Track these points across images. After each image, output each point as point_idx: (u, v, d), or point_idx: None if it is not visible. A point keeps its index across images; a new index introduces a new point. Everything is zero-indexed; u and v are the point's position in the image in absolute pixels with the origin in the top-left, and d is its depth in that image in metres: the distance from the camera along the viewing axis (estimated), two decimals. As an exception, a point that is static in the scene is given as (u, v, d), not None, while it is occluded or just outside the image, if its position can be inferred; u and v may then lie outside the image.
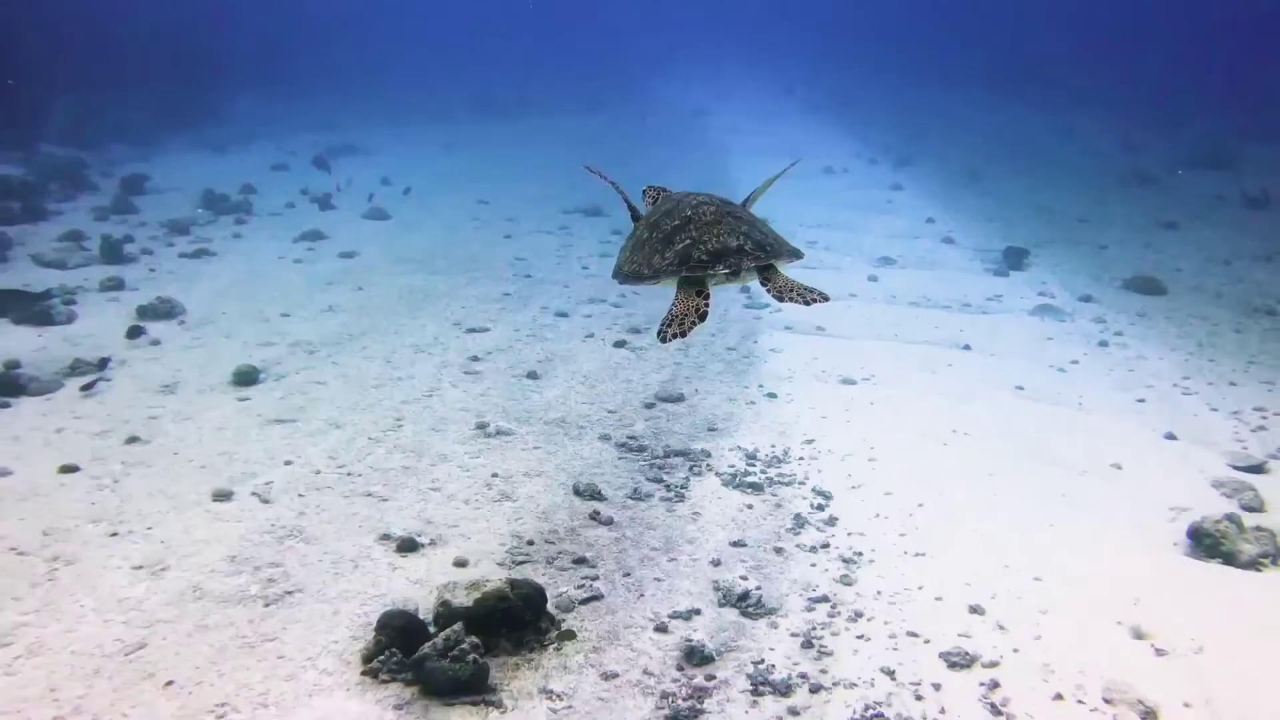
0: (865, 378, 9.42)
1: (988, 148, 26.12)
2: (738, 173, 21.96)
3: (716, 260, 4.04)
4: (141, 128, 26.59)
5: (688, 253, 4.08)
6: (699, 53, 53.27)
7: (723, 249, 4.07)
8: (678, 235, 4.15)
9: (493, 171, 21.71)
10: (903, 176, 21.66)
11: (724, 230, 4.14)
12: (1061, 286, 13.31)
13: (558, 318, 11.08)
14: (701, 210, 4.23)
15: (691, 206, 4.26)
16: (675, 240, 4.15)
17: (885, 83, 41.16)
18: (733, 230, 4.14)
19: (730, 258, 4.05)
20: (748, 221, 4.29)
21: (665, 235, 4.20)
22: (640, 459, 7.49)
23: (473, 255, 13.97)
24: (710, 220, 4.18)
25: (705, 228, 4.14)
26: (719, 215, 4.20)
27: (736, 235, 4.12)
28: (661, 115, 33.56)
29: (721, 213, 4.23)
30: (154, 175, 19.63)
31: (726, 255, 4.06)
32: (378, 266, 13.18)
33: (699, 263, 4.05)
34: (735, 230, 4.15)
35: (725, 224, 4.16)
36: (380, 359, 9.53)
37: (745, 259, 4.07)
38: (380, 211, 16.52)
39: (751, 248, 4.10)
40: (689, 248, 4.09)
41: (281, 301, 11.39)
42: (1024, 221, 17.54)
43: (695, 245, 4.09)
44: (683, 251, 4.09)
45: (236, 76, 34.35)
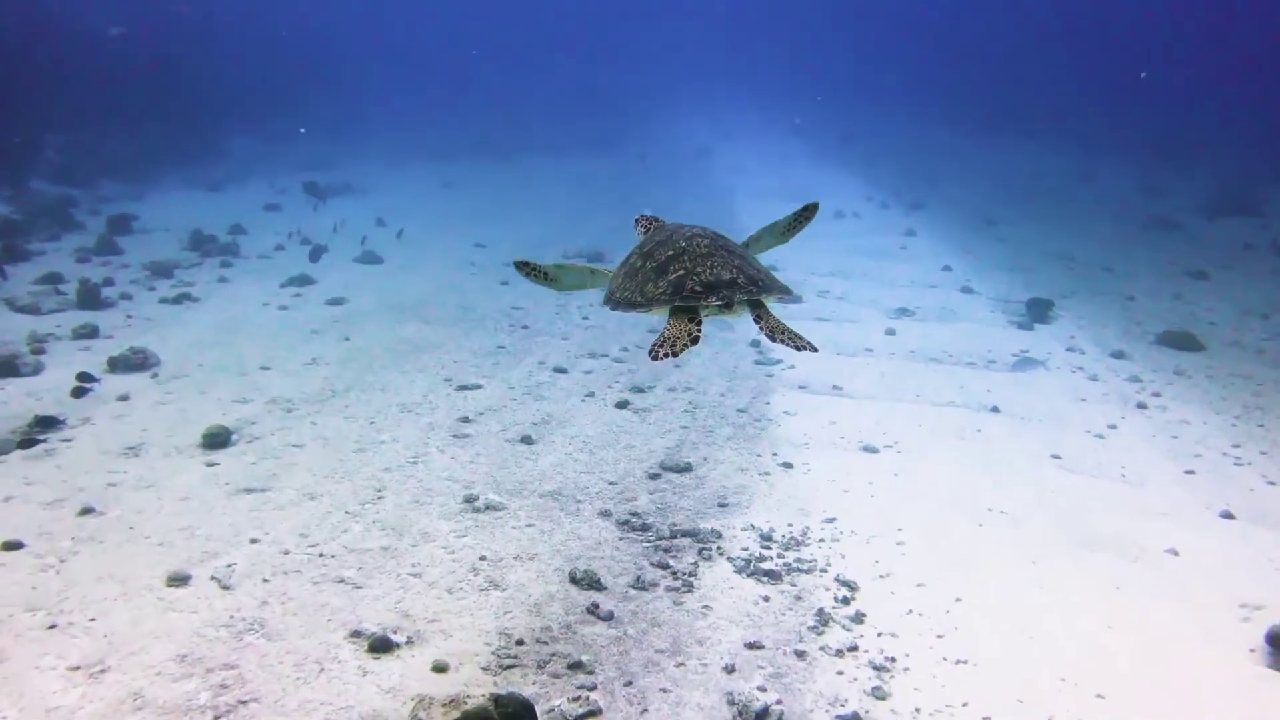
0: (888, 445, 8.69)
1: (1002, 191, 25.53)
2: (744, 216, 21.32)
3: (710, 292, 4.04)
4: (136, 164, 26.04)
5: (681, 282, 4.08)
6: (704, 91, 52.90)
7: (716, 281, 4.07)
8: (672, 265, 4.17)
9: (491, 212, 21.08)
10: (916, 221, 21.00)
11: (717, 263, 4.14)
12: (1091, 341, 12.60)
13: (555, 374, 10.36)
14: (696, 242, 4.25)
15: (685, 238, 4.29)
16: (669, 270, 4.16)
17: (894, 122, 40.66)
18: (726, 263, 4.15)
19: (723, 290, 4.04)
20: (740, 256, 4.31)
21: (659, 265, 4.22)
22: (644, 539, 6.75)
23: (467, 303, 13.28)
24: (704, 252, 4.19)
25: (699, 259, 4.15)
26: (713, 248, 4.23)
27: (729, 268, 4.12)
28: (663, 154, 33.02)
29: (715, 245, 4.26)
30: (143, 214, 19.01)
31: (720, 287, 4.05)
32: (367, 315, 12.49)
33: (692, 293, 4.04)
34: (728, 263, 4.15)
35: (719, 256, 4.18)
36: (363, 419, 8.81)
37: (738, 291, 4.07)
38: (373, 255, 15.85)
39: (744, 281, 4.11)
40: (683, 278, 4.09)
41: (262, 353, 10.69)
42: (1045, 269, 16.85)
43: (689, 276, 4.10)
44: (676, 281, 4.09)
45: (235, 113, 33.89)
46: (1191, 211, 23.42)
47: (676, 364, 10.80)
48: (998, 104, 41.67)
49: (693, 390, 9.94)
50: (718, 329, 12.18)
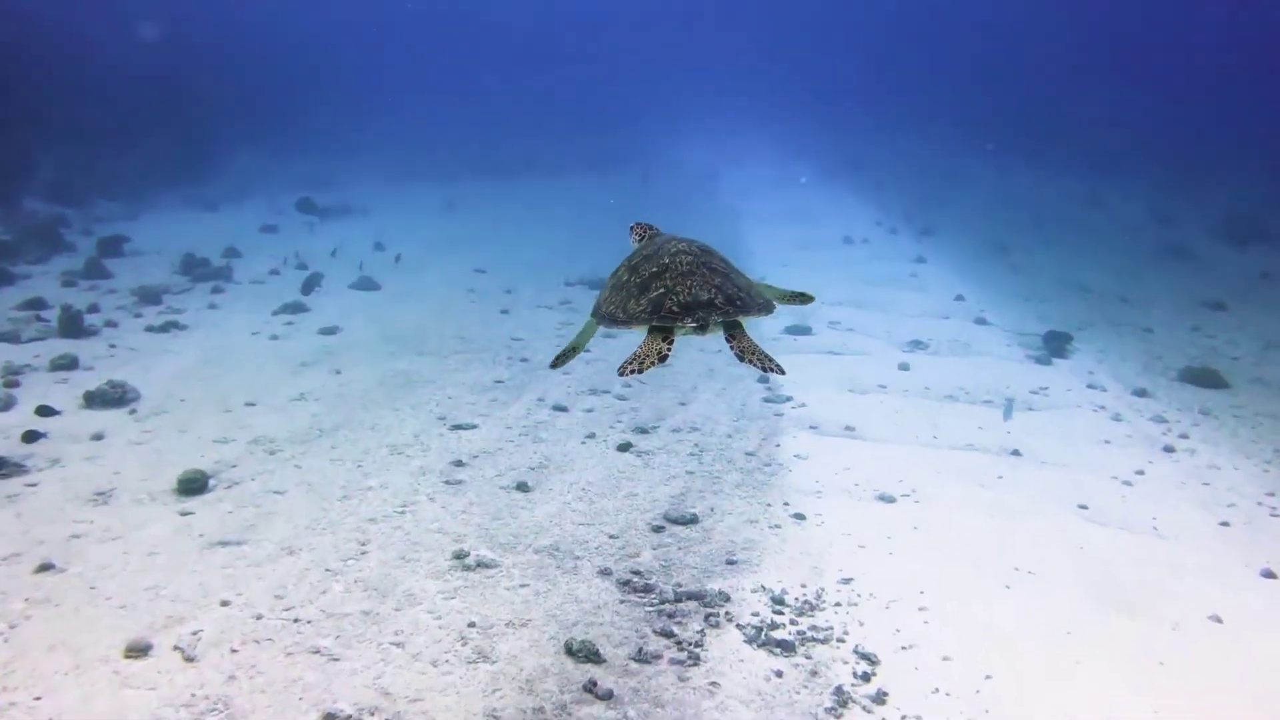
0: (905, 493, 8.19)
1: (1012, 216, 25.07)
2: (750, 240, 20.87)
3: (686, 313, 4.07)
4: (133, 182, 25.65)
5: (660, 302, 4.11)
6: (711, 113, 52.55)
7: (694, 302, 4.09)
8: (653, 283, 4.20)
9: (492, 235, 20.65)
10: (926, 248, 20.53)
11: (697, 282, 4.16)
12: (1111, 377, 12.12)
13: (555, 412, 9.88)
14: (679, 260, 4.25)
15: (670, 254, 4.30)
16: (650, 288, 4.19)
17: (900, 144, 40.22)
18: (706, 283, 4.16)
19: (699, 311, 4.07)
20: (722, 274, 4.29)
21: (642, 281, 4.25)
22: (647, 603, 6.26)
23: (466, 333, 12.81)
24: (685, 270, 4.20)
25: (680, 278, 4.17)
26: (694, 265, 4.23)
27: (709, 288, 4.14)
28: (669, 176, 32.61)
29: (698, 263, 4.25)
30: (136, 235, 18.59)
31: (696, 308, 4.08)
32: (360, 346, 12.02)
33: (670, 313, 4.08)
34: (708, 283, 4.17)
35: (699, 275, 4.19)
36: (350, 462, 8.32)
37: (714, 313, 4.10)
38: (369, 281, 15.40)
39: (722, 302, 4.13)
40: (662, 297, 4.12)
41: (249, 387, 10.21)
42: (1060, 299, 16.39)
43: (668, 295, 4.12)
44: (656, 300, 4.12)
45: (236, 130, 33.54)
46: (1204, 238, 23.01)
47: (681, 401, 10.32)
48: (1004, 125, 41.26)
49: (698, 431, 9.46)
50: (727, 364, 11.71)
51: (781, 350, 12.61)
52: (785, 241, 20.88)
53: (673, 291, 4.13)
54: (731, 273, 4.40)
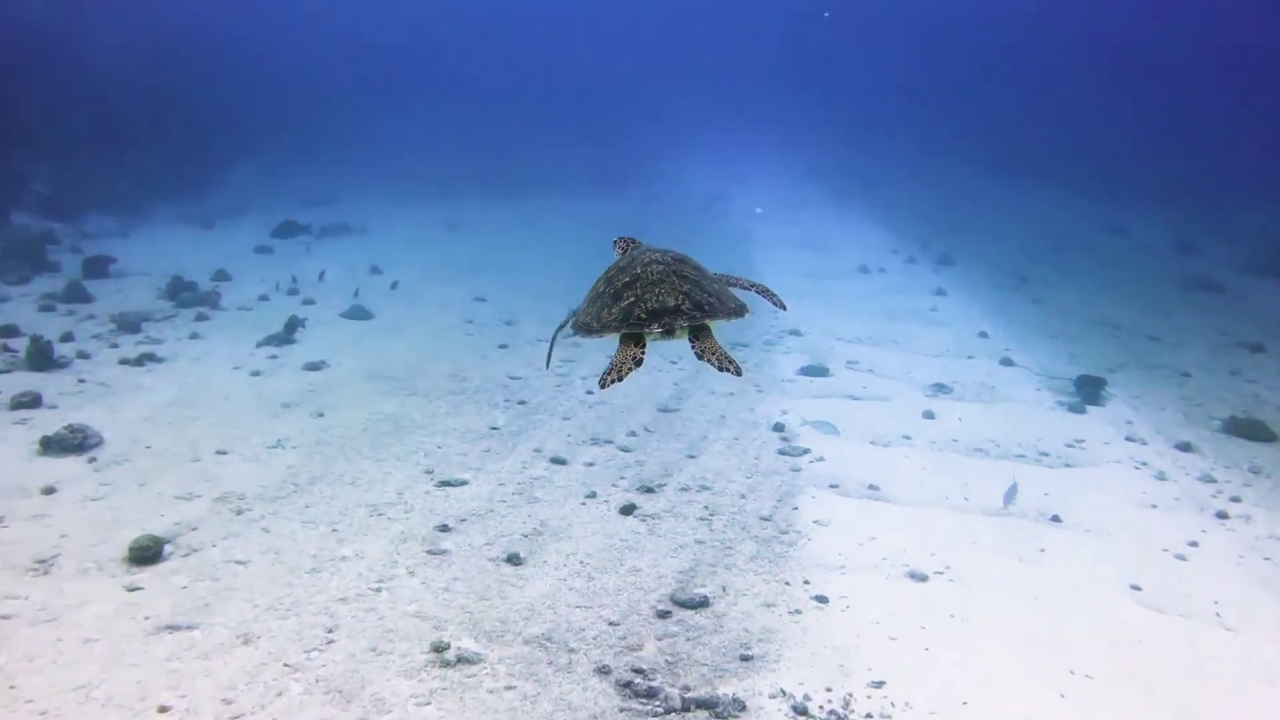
0: (939, 570, 7.37)
1: (1031, 244, 24.30)
2: (762, 267, 20.09)
3: (654, 319, 4.24)
4: (127, 197, 24.96)
5: (630, 310, 4.30)
6: (719, 130, 51.92)
7: (661, 308, 4.27)
8: (625, 292, 4.38)
9: (495, 259, 19.88)
10: (945, 278, 19.74)
11: (665, 290, 4.33)
12: (1151, 428, 11.31)
13: (553, 466, 9.07)
14: (650, 269, 4.45)
15: (642, 264, 4.50)
16: (622, 297, 4.38)
17: (913, 165, 39.51)
18: (674, 290, 4.33)
19: (665, 317, 4.25)
20: (692, 281, 4.43)
21: (615, 291, 4.44)
22: (650, 711, 5.45)
23: (461, 371, 12.02)
24: (655, 279, 4.39)
25: (649, 286, 4.35)
26: (664, 274, 4.40)
27: (676, 295, 4.31)
28: (676, 196, 31.89)
29: (668, 271, 4.43)
30: (125, 254, 17.86)
31: (663, 314, 4.25)
32: (347, 384, 11.23)
33: (638, 320, 4.26)
34: (676, 290, 4.34)
35: (668, 284, 4.36)
36: (325, 524, 7.52)
37: (680, 318, 4.26)
38: (362, 310, 14.61)
39: (689, 308, 4.28)
40: (631, 305, 4.31)
41: (222, 432, 9.42)
42: (1087, 338, 15.58)
43: (638, 303, 4.31)
44: (626, 309, 4.31)
45: (238, 143, 32.90)
46: (1232, 270, 22.24)
47: (691, 454, 9.53)
48: (1018, 147, 40.57)
49: (709, 489, 8.66)
50: (741, 409, 10.93)
51: (797, 394, 11.84)
52: (798, 270, 20.10)
53: (642, 299, 4.31)
54: (703, 280, 4.54)
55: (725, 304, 4.49)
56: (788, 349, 13.89)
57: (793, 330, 14.86)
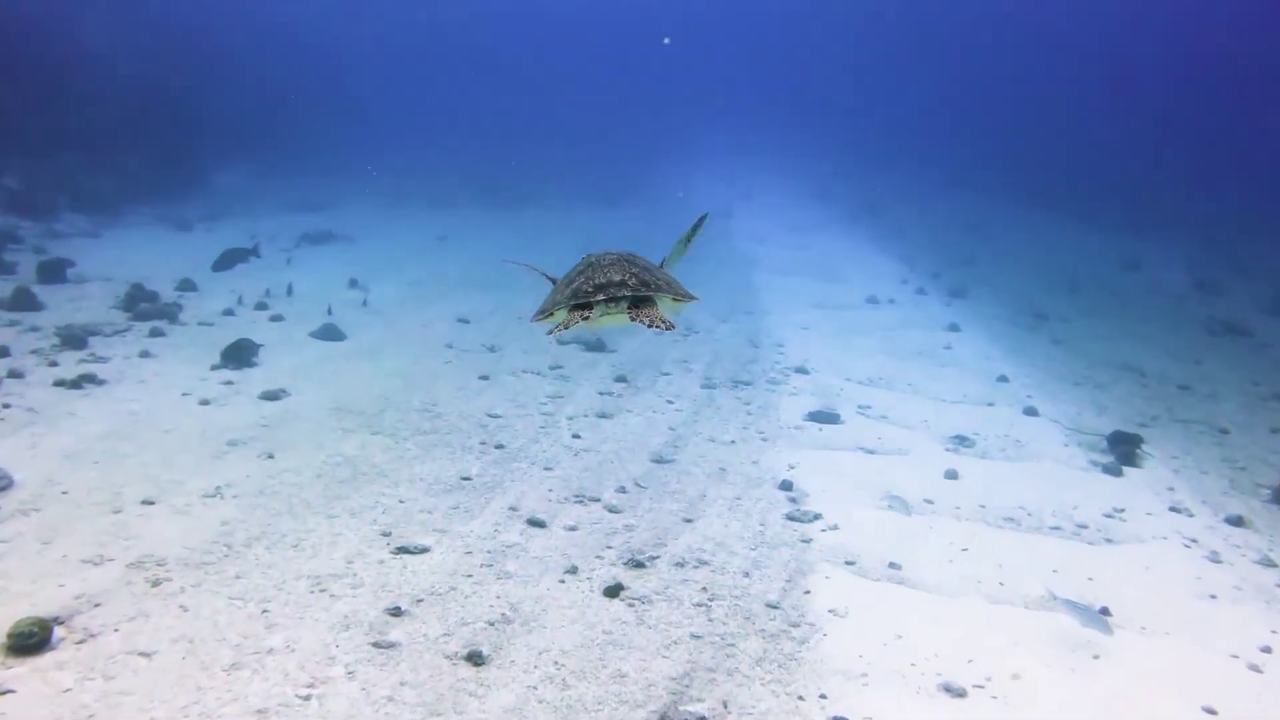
0: (978, 683, 6.23)
1: (1046, 278, 23.24)
2: (766, 295, 18.99)
3: (599, 290, 4.70)
4: (105, 196, 23.85)
5: (579, 288, 4.79)
6: (723, 146, 50.94)
7: (606, 283, 4.75)
8: (577, 278, 4.91)
9: (484, 275, 18.76)
10: (958, 313, 18.66)
11: (613, 270, 4.83)
12: (1195, 496, 10.20)
13: (530, 529, 7.92)
14: (604, 258, 5.01)
15: (597, 257, 5.05)
16: (574, 281, 4.92)
17: (922, 191, 38.51)
18: (622, 270, 4.83)
19: (610, 289, 4.69)
20: (643, 268, 4.94)
21: (569, 279, 5.01)
22: None
23: (435, 405, 10.88)
24: (606, 264, 4.91)
25: (599, 269, 4.87)
26: (616, 260, 4.95)
27: (622, 274, 4.81)
28: (677, 214, 30.80)
29: (619, 259, 4.99)
30: (90, 257, 16.78)
31: (608, 287, 4.72)
32: (306, 418, 10.07)
33: (585, 293, 4.72)
34: (625, 270, 4.84)
35: (618, 266, 4.87)
36: (255, 602, 6.36)
37: (623, 289, 4.69)
38: (334, 329, 13.47)
39: (634, 284, 4.75)
40: (581, 284, 4.81)
41: (155, 474, 8.27)
42: (1114, 386, 14.49)
43: (587, 281, 4.82)
44: (575, 288, 4.81)
45: (228, 144, 31.83)
46: (1257, 312, 21.20)
47: (687, 517, 8.39)
48: (1030, 175, 39.63)
49: (708, 564, 7.51)
50: (743, 460, 9.79)
51: (805, 443, 10.71)
52: (805, 299, 18.99)
53: (591, 279, 4.75)
54: (652, 269, 5.00)
55: (671, 288, 4.94)
56: (794, 389, 12.77)
57: (799, 367, 13.74)
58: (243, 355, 11.54)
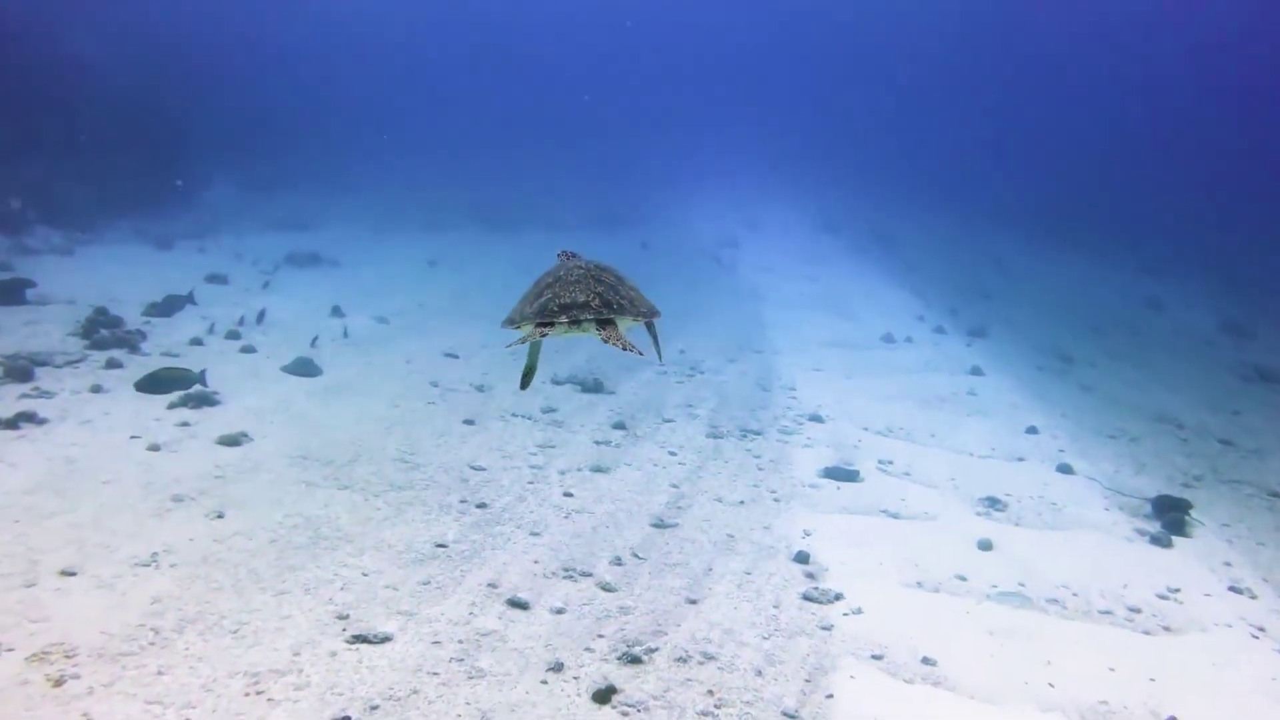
0: (1042, 826, 5.16)
1: (1068, 318, 22.25)
2: (775, 334, 17.96)
3: (563, 311, 4.76)
4: (84, 209, 22.82)
5: (545, 305, 4.82)
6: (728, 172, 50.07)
7: (571, 303, 4.79)
8: (545, 290, 4.93)
9: (476, 305, 17.76)
10: (979, 354, 17.65)
11: (579, 289, 4.86)
12: (1254, 573, 9.18)
13: (510, 611, 6.85)
14: (571, 273, 4.99)
15: (566, 269, 5.05)
16: (542, 294, 4.92)
17: (933, 223, 37.55)
18: (587, 289, 4.85)
19: (574, 310, 4.76)
20: (607, 284, 4.94)
21: (538, 290, 5.01)
22: None
23: (413, 454, 9.83)
24: (573, 280, 4.92)
25: (566, 286, 4.89)
26: (583, 277, 4.94)
27: (587, 293, 4.83)
28: (680, 241, 29.87)
29: (586, 275, 4.96)
30: (56, 277, 15.78)
31: (572, 308, 4.77)
32: (266, 468, 9.01)
33: (550, 313, 4.77)
34: (589, 289, 4.86)
35: (584, 284, 4.89)
36: (176, 709, 5.30)
37: (586, 311, 4.76)
38: (309, 364, 12.42)
39: (598, 304, 4.80)
40: (548, 301, 4.84)
41: (83, 537, 7.21)
42: (1151, 439, 13.49)
43: (553, 300, 4.84)
44: (542, 304, 4.84)
45: (215, 157, 30.86)
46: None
47: (691, 597, 7.34)
48: (1042, 208, 38.72)
49: (714, 660, 6.45)
50: (753, 525, 8.74)
51: (822, 505, 9.67)
52: (817, 337, 17.98)
53: (558, 296, 4.85)
54: (620, 285, 5.04)
55: (636, 306, 4.94)
56: (808, 440, 11.73)
57: (813, 415, 12.71)
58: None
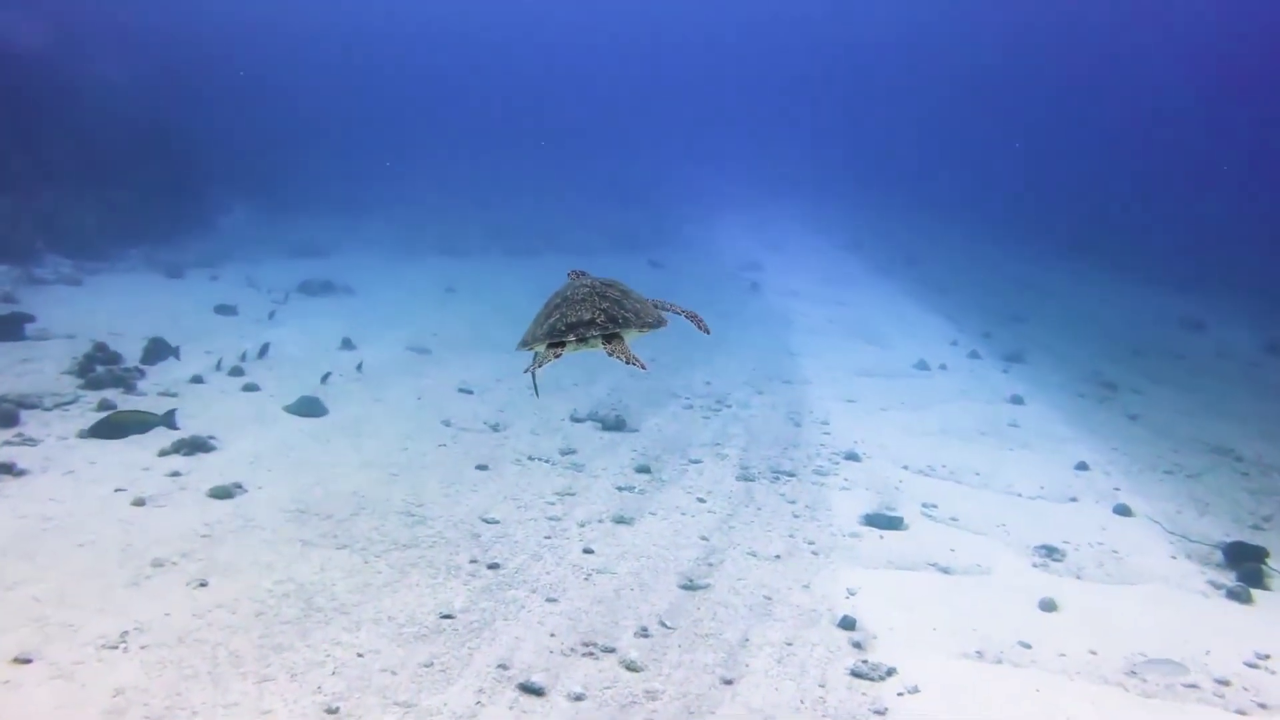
0: None
1: (1105, 340, 21.32)
2: (804, 360, 17.15)
3: (570, 330, 4.81)
4: (97, 237, 22.28)
5: (554, 326, 4.86)
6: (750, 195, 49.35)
7: (577, 321, 4.83)
8: (554, 311, 4.96)
9: (494, 334, 16.99)
10: (1018, 380, 16.80)
11: (585, 306, 4.89)
12: (1348, 635, 8.26)
13: (523, 699, 6.05)
14: (578, 291, 5.02)
15: (573, 289, 5.08)
16: (551, 315, 4.95)
17: (960, 242, 36.70)
18: (593, 306, 4.90)
19: (581, 328, 4.81)
20: (612, 300, 4.99)
21: (548, 311, 5.02)
22: None
23: (421, 506, 9.07)
24: (579, 298, 4.96)
25: (572, 304, 4.93)
26: (589, 294, 4.98)
27: (593, 310, 4.87)
28: (701, 264, 29.12)
29: (592, 292, 5.00)
30: (56, 310, 15.21)
31: (578, 326, 4.81)
32: (259, 525, 8.26)
33: (558, 332, 4.83)
34: (595, 306, 4.90)
35: (590, 301, 4.93)
36: (131, 835, 4.53)
37: (592, 329, 4.81)
38: (313, 403, 11.69)
39: (603, 320, 4.84)
40: (556, 321, 4.87)
41: (46, 614, 6.47)
42: (1210, 474, 12.60)
43: (560, 319, 4.87)
44: (551, 325, 4.88)
45: (234, 184, 30.35)
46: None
47: (726, 676, 6.53)
48: (1075, 227, 37.80)
49: (756, 756, 5.64)
50: (790, 583, 7.95)
51: (865, 558, 8.86)
52: (848, 365, 17.15)
53: (565, 316, 4.86)
54: (625, 299, 5.07)
55: (641, 318, 5.01)
56: (846, 482, 10.91)
57: (849, 452, 11.90)
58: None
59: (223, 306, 17.15)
